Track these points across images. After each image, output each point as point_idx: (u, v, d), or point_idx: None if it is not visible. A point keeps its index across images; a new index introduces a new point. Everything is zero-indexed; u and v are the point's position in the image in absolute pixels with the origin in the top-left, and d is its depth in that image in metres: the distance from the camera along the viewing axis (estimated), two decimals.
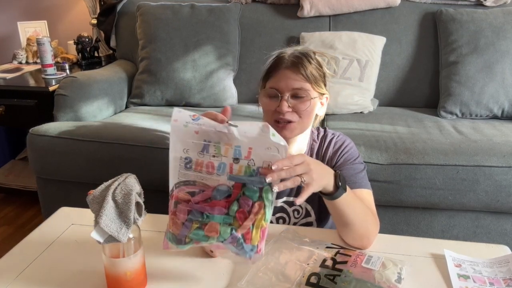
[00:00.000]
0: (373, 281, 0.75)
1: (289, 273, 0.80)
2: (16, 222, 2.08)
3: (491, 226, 1.49)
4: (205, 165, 0.69)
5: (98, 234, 0.71)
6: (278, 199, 1.07)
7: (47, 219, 1.03)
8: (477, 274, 0.81)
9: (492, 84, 1.76)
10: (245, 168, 0.69)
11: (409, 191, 1.43)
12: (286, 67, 0.96)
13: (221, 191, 0.69)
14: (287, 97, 0.96)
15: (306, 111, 0.97)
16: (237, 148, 0.68)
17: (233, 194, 0.69)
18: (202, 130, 0.69)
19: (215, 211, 0.69)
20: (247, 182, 0.68)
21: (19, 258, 0.88)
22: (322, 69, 1.01)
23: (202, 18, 1.99)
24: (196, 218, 0.70)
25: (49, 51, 2.07)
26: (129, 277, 0.75)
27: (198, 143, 0.69)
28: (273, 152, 0.67)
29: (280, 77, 0.97)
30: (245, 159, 0.68)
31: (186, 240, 0.71)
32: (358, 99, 1.85)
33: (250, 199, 0.68)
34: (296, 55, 0.98)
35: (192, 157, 0.70)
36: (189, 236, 0.70)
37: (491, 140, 1.53)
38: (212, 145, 0.69)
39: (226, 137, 0.69)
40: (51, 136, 1.57)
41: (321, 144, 1.09)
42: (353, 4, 1.98)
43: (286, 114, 0.96)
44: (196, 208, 0.70)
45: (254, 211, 0.68)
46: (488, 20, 1.83)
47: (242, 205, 0.69)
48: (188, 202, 0.71)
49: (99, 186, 0.74)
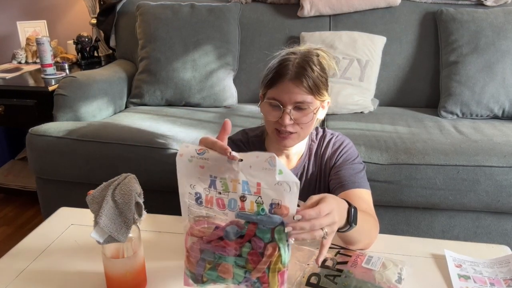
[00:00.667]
0: (374, 281, 0.76)
1: (289, 273, 0.79)
2: (16, 222, 2.08)
3: (492, 226, 1.49)
4: (215, 202, 0.65)
5: (97, 234, 0.71)
6: None
7: (47, 219, 1.03)
8: (478, 275, 0.82)
9: (493, 84, 1.76)
10: (256, 206, 0.63)
11: (409, 191, 1.43)
12: (289, 79, 0.93)
13: (233, 231, 0.64)
14: (289, 110, 0.94)
15: (306, 123, 0.96)
16: (244, 183, 0.63)
17: (246, 234, 0.64)
18: (207, 164, 0.64)
19: (226, 252, 0.65)
20: (257, 222, 0.63)
21: (18, 258, 0.88)
22: (325, 74, 0.99)
23: (202, 17, 1.99)
24: (208, 258, 0.67)
25: (48, 51, 2.06)
26: (128, 277, 0.75)
27: (204, 178, 0.65)
28: (284, 187, 0.60)
29: (283, 89, 0.94)
30: (255, 195, 0.63)
31: (203, 280, 0.68)
32: (358, 99, 1.85)
33: (261, 240, 0.63)
34: (299, 63, 0.95)
35: (201, 193, 0.66)
36: (204, 275, 0.67)
37: (491, 140, 1.52)
38: (219, 181, 0.64)
39: (232, 172, 0.63)
40: (50, 136, 1.56)
41: (319, 144, 1.08)
42: (353, 4, 1.98)
43: (287, 126, 0.95)
44: (208, 248, 0.66)
45: (267, 253, 0.63)
46: (488, 20, 1.82)
47: (254, 246, 0.64)
48: (202, 238, 0.67)
49: (99, 186, 0.74)
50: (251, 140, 1.10)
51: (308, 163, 1.08)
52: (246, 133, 1.13)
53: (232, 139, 1.09)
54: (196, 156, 0.64)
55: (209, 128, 1.66)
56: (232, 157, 0.61)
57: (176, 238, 0.94)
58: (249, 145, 1.09)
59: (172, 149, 1.49)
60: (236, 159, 0.61)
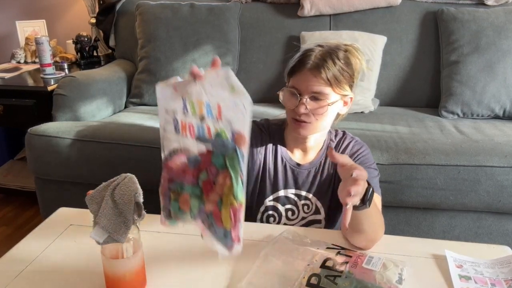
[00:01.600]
0: (374, 282, 0.75)
1: (289, 273, 0.79)
2: (15, 223, 2.07)
3: (493, 227, 1.48)
4: (188, 128, 0.61)
5: (97, 234, 0.71)
6: (288, 189, 1.08)
7: (46, 220, 1.03)
8: (479, 275, 0.81)
9: (494, 83, 1.76)
10: (218, 131, 0.57)
11: (410, 191, 1.42)
12: (308, 69, 0.95)
13: (192, 158, 0.59)
14: (305, 100, 0.96)
15: (322, 114, 0.97)
16: (208, 106, 0.57)
17: (203, 161, 0.59)
18: (179, 86, 0.60)
19: (186, 179, 0.61)
20: (212, 146, 0.57)
21: (17, 259, 0.87)
22: (349, 69, 0.99)
23: (201, 17, 1.99)
24: (173, 187, 0.63)
25: (47, 50, 2.06)
26: (128, 278, 0.75)
27: (177, 100, 0.61)
28: (240, 109, 0.54)
29: (301, 78, 0.97)
30: (217, 119, 0.57)
31: (171, 215, 0.65)
32: (358, 99, 1.84)
33: (215, 167, 0.57)
34: (322, 55, 0.96)
35: (178, 119, 0.62)
36: (170, 208, 0.65)
37: (492, 140, 1.52)
38: (188, 103, 0.60)
39: (196, 92, 0.58)
40: (49, 136, 1.56)
41: (338, 144, 1.09)
42: (354, 3, 1.98)
43: (302, 115, 0.97)
44: (172, 175, 0.63)
45: (219, 182, 0.57)
46: (489, 20, 1.82)
47: (209, 174, 0.58)
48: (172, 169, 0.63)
49: (98, 186, 0.74)
50: (272, 128, 1.11)
51: (324, 161, 1.09)
52: (268, 120, 1.15)
53: (256, 123, 1.12)
54: (171, 81, 0.62)
55: None
56: (194, 75, 0.57)
57: (176, 238, 0.94)
58: (269, 131, 1.11)
59: None
60: (198, 76, 0.57)
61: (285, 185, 1.09)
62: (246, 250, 0.89)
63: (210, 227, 0.60)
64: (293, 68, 0.99)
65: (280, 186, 1.09)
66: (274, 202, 1.09)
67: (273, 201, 1.09)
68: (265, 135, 1.10)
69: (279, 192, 1.09)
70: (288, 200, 1.09)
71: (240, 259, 0.86)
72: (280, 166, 1.08)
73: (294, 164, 1.08)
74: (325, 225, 1.10)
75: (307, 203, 1.09)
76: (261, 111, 1.86)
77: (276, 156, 1.09)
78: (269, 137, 1.10)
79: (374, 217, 0.87)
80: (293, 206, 1.09)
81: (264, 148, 1.09)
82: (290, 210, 1.09)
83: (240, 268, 0.83)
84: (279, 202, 1.09)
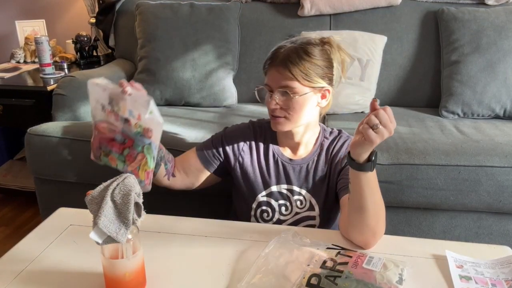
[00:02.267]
0: (374, 282, 0.75)
1: (289, 274, 0.80)
2: (14, 223, 2.07)
3: (493, 227, 1.48)
4: (112, 114, 0.90)
5: (96, 235, 0.71)
6: (281, 185, 1.10)
7: (46, 220, 1.03)
8: (479, 275, 0.81)
9: (494, 83, 1.75)
10: (137, 127, 0.87)
11: (410, 192, 1.42)
12: (275, 65, 1.00)
13: (119, 138, 0.90)
14: (275, 95, 1.00)
15: (293, 108, 1.00)
16: (130, 111, 0.87)
17: (126, 144, 0.90)
18: (107, 89, 0.89)
19: (114, 149, 0.92)
20: (134, 138, 0.88)
21: (17, 259, 0.87)
22: (321, 62, 1.01)
23: (201, 17, 1.98)
24: (104, 148, 0.93)
25: (47, 50, 2.06)
26: (128, 278, 0.75)
27: (104, 98, 0.90)
28: (154, 121, 0.85)
29: (271, 75, 1.02)
30: (137, 120, 0.86)
31: (100, 160, 0.95)
32: (359, 99, 1.84)
33: (135, 150, 0.89)
34: (289, 51, 1.00)
35: (104, 105, 0.91)
36: (100, 158, 0.95)
37: (493, 140, 1.52)
38: (114, 103, 0.89)
39: (123, 100, 0.87)
40: (49, 136, 1.55)
41: (333, 142, 1.11)
42: (354, 3, 1.97)
43: (274, 111, 1.02)
44: (103, 142, 0.93)
45: (138, 158, 0.90)
46: (490, 19, 1.82)
47: (131, 152, 0.90)
48: (102, 134, 0.93)
49: (98, 187, 0.74)
50: (264, 125, 1.15)
51: (318, 158, 1.10)
52: (262, 119, 1.19)
53: (249, 122, 1.17)
54: (102, 83, 0.90)
55: (209, 128, 1.65)
56: (125, 91, 0.85)
57: (176, 238, 0.94)
58: (260, 129, 1.14)
59: (171, 149, 1.48)
60: (126, 93, 0.85)
61: (277, 180, 1.10)
62: (246, 250, 0.90)
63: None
64: (266, 64, 1.04)
65: (273, 182, 1.10)
66: (267, 198, 1.10)
67: (266, 196, 1.10)
68: (252, 132, 1.13)
69: (272, 188, 1.10)
70: (281, 196, 1.10)
71: (240, 259, 0.86)
72: (271, 161, 1.11)
73: (286, 159, 1.10)
74: (320, 223, 1.10)
75: (300, 198, 1.10)
76: (260, 111, 1.86)
77: (267, 152, 1.11)
78: (259, 134, 1.13)
79: (376, 194, 0.87)
80: (286, 201, 1.10)
81: (250, 145, 1.12)
82: (283, 206, 1.10)
83: (240, 268, 0.84)
84: (272, 198, 1.10)
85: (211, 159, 1.13)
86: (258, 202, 1.11)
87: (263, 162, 1.11)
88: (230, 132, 1.15)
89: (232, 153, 1.12)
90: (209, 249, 0.91)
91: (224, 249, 0.90)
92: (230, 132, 1.15)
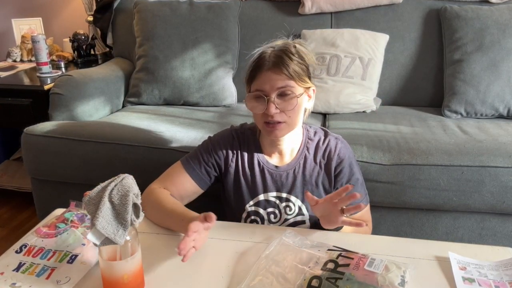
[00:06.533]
0: (376, 284, 0.75)
1: (290, 276, 0.79)
2: (11, 224, 2.06)
3: (497, 228, 1.47)
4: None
5: (94, 236, 0.71)
6: (269, 193, 1.09)
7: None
8: (483, 277, 0.81)
9: (498, 82, 1.74)
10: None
11: (412, 192, 1.41)
12: (268, 68, 0.97)
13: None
14: (273, 99, 0.97)
15: (293, 110, 0.98)
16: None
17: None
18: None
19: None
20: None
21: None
22: (304, 62, 1.01)
23: (200, 15, 1.97)
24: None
25: (44, 49, 2.05)
26: (126, 280, 0.75)
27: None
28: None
29: (264, 79, 0.98)
30: None
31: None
32: (360, 98, 1.83)
33: None
34: (276, 54, 0.98)
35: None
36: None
37: (496, 140, 1.51)
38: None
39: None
40: (46, 136, 1.54)
41: (320, 144, 1.10)
42: (356, 1, 1.96)
43: (274, 116, 0.97)
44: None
45: None
46: (493, 17, 1.80)
47: None
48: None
49: (96, 187, 0.74)
50: (246, 133, 1.12)
51: (304, 161, 1.08)
52: (244, 125, 1.15)
53: (231, 129, 1.13)
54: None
55: (208, 127, 1.64)
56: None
57: (174, 240, 0.93)
58: (243, 137, 1.12)
59: (170, 149, 1.47)
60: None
61: (264, 188, 1.09)
62: (247, 252, 0.89)
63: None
64: (252, 73, 1.00)
65: (260, 190, 1.09)
66: (255, 207, 1.10)
67: (254, 206, 1.10)
68: (236, 142, 1.11)
69: (259, 197, 1.10)
70: (269, 204, 1.09)
71: (240, 261, 0.86)
72: (257, 170, 1.09)
73: (271, 167, 1.09)
74: (311, 227, 1.10)
75: (288, 204, 1.09)
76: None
77: (252, 161, 1.10)
78: (242, 143, 1.11)
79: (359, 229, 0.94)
80: (274, 209, 1.09)
81: (236, 154, 1.10)
82: (272, 213, 1.09)
83: (240, 270, 0.83)
84: (260, 206, 1.09)
85: (205, 177, 1.10)
86: (247, 212, 1.10)
87: (248, 172, 1.09)
88: (216, 142, 1.11)
89: (223, 164, 1.10)
90: (209, 251, 0.90)
91: (224, 250, 0.90)
92: (216, 143, 1.11)
